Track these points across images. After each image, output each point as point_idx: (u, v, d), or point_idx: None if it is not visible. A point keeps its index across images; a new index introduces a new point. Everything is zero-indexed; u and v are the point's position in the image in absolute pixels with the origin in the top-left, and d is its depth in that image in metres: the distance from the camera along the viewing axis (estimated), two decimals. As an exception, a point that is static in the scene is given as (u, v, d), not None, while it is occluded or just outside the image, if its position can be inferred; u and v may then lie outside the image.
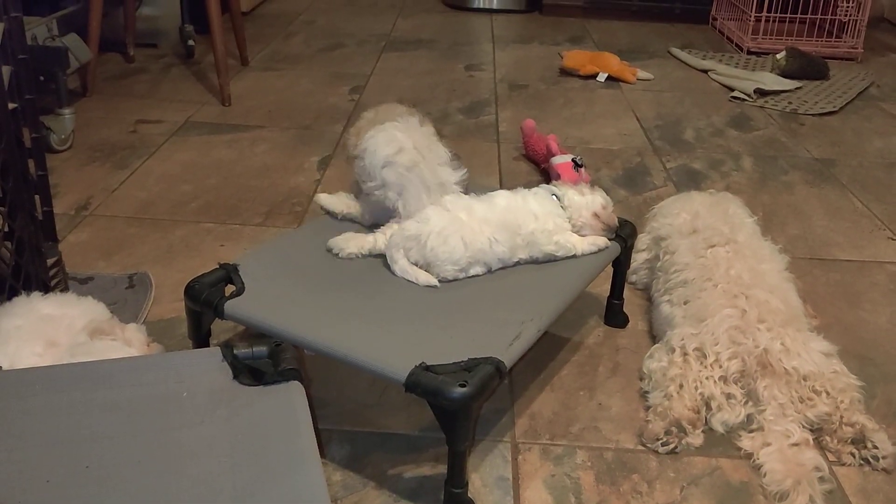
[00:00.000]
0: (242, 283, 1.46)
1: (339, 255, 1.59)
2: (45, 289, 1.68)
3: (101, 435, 1.09)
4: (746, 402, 1.54)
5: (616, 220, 1.70)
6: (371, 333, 1.36)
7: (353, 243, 1.60)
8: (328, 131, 2.94)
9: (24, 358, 1.35)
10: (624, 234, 1.72)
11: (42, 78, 2.57)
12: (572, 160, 2.50)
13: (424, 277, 1.51)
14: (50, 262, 1.74)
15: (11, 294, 1.56)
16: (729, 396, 1.55)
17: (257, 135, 2.89)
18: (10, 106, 1.57)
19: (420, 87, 3.49)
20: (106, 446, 1.06)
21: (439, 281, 1.51)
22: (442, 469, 1.34)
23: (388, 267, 1.54)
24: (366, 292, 1.49)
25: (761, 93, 3.53)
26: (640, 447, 1.50)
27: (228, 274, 1.49)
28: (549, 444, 1.50)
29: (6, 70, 1.57)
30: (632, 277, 2.01)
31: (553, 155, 2.56)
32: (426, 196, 1.60)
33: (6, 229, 1.63)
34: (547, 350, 1.76)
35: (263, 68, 3.68)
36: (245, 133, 2.90)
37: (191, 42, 3.75)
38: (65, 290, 1.78)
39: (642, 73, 3.74)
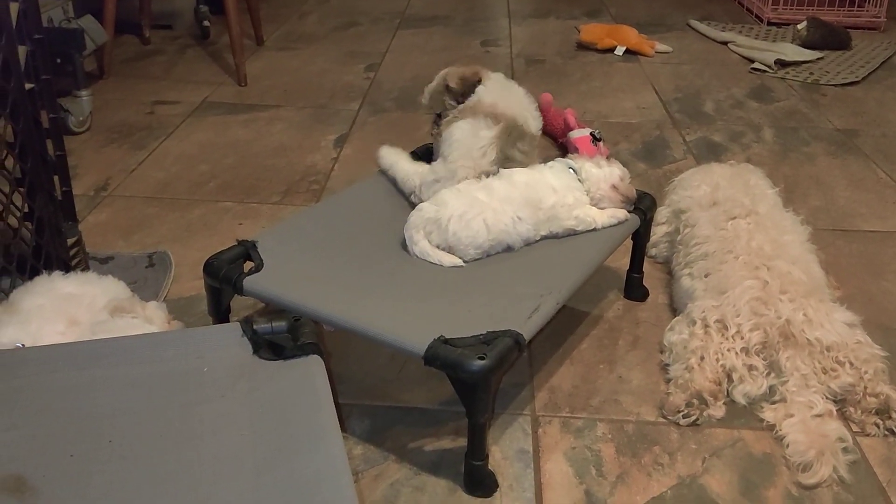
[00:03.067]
0: (261, 260, 1.47)
1: (379, 160, 1.78)
2: (66, 268, 1.69)
3: (122, 410, 1.09)
4: (768, 374, 1.53)
5: (634, 191, 1.69)
6: (390, 308, 1.36)
7: (398, 157, 1.76)
8: (344, 110, 2.94)
9: (47, 336, 1.36)
10: (643, 206, 1.70)
11: (58, 60, 2.58)
12: (590, 134, 2.48)
13: (448, 259, 1.50)
14: (70, 241, 1.75)
15: (33, 273, 1.57)
16: (751, 368, 1.53)
17: (274, 114, 2.89)
18: (27, 86, 1.58)
19: (436, 64, 3.46)
20: (128, 421, 1.07)
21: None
22: (462, 442, 1.34)
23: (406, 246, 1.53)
24: (384, 267, 1.49)
25: (782, 64, 3.48)
26: (661, 419, 1.49)
27: (247, 250, 1.49)
28: (569, 416, 1.50)
29: (22, 51, 1.57)
30: (651, 251, 1.99)
31: (571, 129, 2.54)
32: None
33: (26, 210, 1.64)
34: (566, 324, 1.75)
35: (279, 48, 3.67)
36: (261, 112, 2.90)
37: (206, 23, 3.74)
38: (85, 269, 1.79)
39: (661, 46, 3.69)
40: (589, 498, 1.33)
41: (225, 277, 1.43)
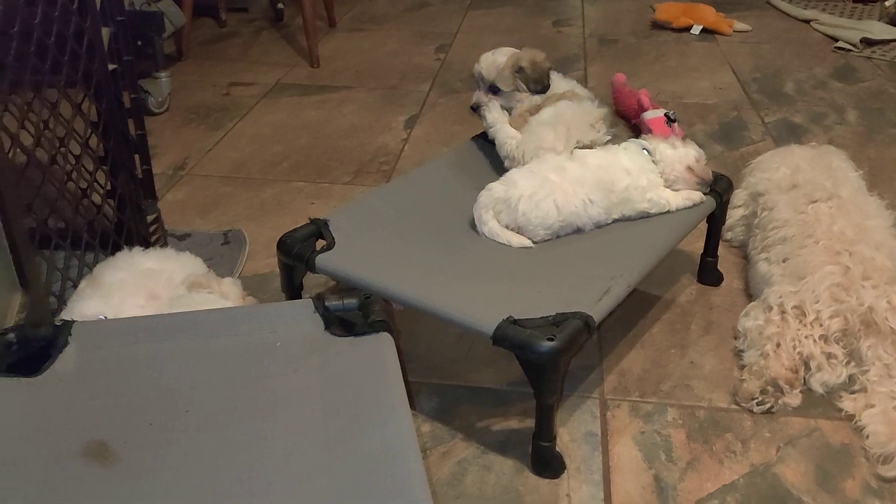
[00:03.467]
0: (333, 238, 1.49)
1: (484, 116, 1.78)
2: (146, 244, 1.74)
3: (199, 382, 1.12)
4: (848, 363, 1.48)
5: (710, 173, 1.64)
6: (459, 288, 1.36)
7: (502, 119, 1.76)
8: (414, 91, 2.94)
9: (127, 309, 1.41)
10: (719, 188, 1.66)
11: (139, 42, 2.65)
12: (664, 115, 2.42)
13: (517, 240, 1.49)
14: (150, 218, 1.81)
15: (114, 249, 1.63)
16: (829, 356, 1.49)
17: (345, 95, 2.91)
18: (110, 67, 1.62)
19: (507, 45, 3.43)
20: (204, 393, 1.10)
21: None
22: (529, 423, 1.34)
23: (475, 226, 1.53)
24: (454, 247, 1.49)
25: (868, 42, 3.33)
26: (734, 406, 1.46)
27: (319, 229, 1.51)
28: (638, 401, 1.48)
29: (105, 33, 1.62)
30: (727, 234, 1.94)
31: (644, 110, 2.48)
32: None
33: (109, 187, 1.70)
34: (637, 307, 1.72)
35: (350, 29, 3.69)
36: (333, 94, 2.93)
37: (280, 5, 3.79)
38: (164, 245, 1.85)
39: (739, 25, 3.58)
40: (658, 483, 1.31)
41: (298, 255, 1.45)
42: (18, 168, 1.45)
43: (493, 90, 1.79)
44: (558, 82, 1.83)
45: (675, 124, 2.42)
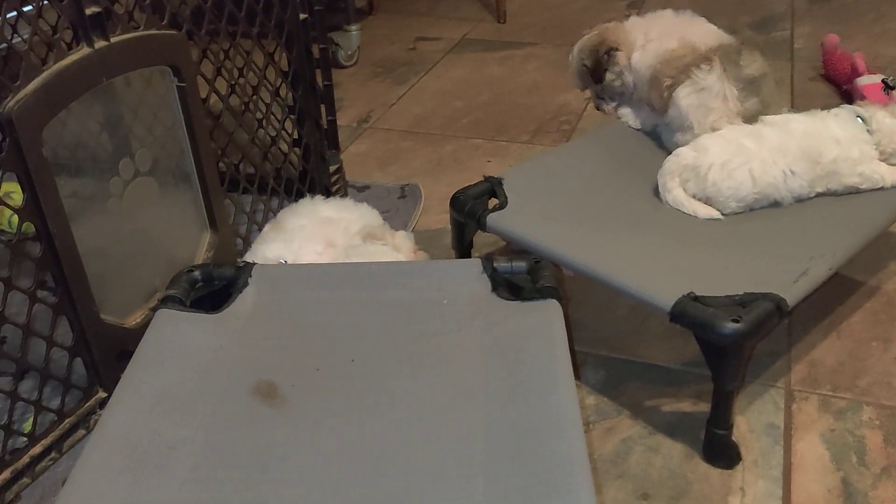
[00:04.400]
0: (506, 197, 1.45)
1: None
2: (327, 193, 1.79)
3: (366, 332, 1.13)
4: None
5: (937, 147, 1.44)
6: (636, 257, 1.28)
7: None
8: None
9: (306, 255, 1.45)
10: (946, 165, 1.46)
11: (333, -4, 2.71)
12: (882, 81, 2.19)
13: (704, 211, 1.39)
14: (332, 168, 1.85)
15: (298, 196, 1.68)
16: None
17: (529, 52, 2.85)
18: (301, 17, 1.66)
19: (705, 0, 3.22)
20: (370, 343, 1.11)
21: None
22: (704, 407, 1.25)
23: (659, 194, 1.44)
24: (633, 216, 1.41)
25: None
26: (946, 413, 1.30)
27: (493, 187, 1.48)
28: (830, 395, 1.34)
29: (299, -17, 1.65)
30: (950, 218, 1.71)
31: (858, 75, 2.25)
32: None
33: (295, 136, 1.75)
34: (836, 293, 1.56)
35: (540, -16, 3.60)
36: (518, 50, 2.87)
37: (470, -40, 3.75)
38: (344, 195, 1.89)
39: (982, -19, 3.15)
40: (846, 487, 1.18)
41: (470, 212, 1.43)
42: (214, 114, 1.52)
43: (601, 97, 1.69)
44: (749, 63, 1.56)
45: (894, 92, 2.17)
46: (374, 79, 2.72)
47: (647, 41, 1.59)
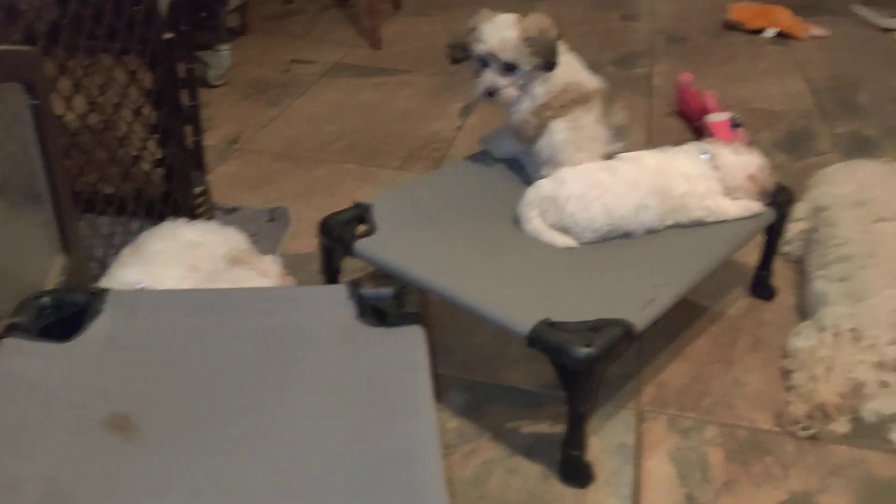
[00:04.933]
0: (374, 224, 1.46)
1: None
2: (192, 216, 1.75)
3: (229, 360, 1.11)
4: (904, 393, 1.41)
5: (772, 183, 1.57)
6: (497, 284, 1.32)
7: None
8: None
9: (167, 280, 1.41)
10: (780, 200, 1.59)
11: (203, 14, 2.66)
12: (729, 119, 2.35)
13: (562, 240, 1.44)
14: (197, 190, 1.81)
15: (160, 218, 1.63)
16: (884, 384, 1.41)
17: (403, 79, 2.89)
18: (166, 36, 1.62)
19: (571, 37, 3.31)
20: (233, 371, 1.09)
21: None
22: (560, 428, 1.29)
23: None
24: (496, 243, 1.45)
25: (954, 56, 3.18)
26: (777, 429, 1.40)
27: (362, 213, 1.49)
28: (676, 415, 1.43)
29: (165, 1, 1.62)
30: (784, 248, 1.86)
31: (709, 113, 2.41)
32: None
33: (159, 156, 1.71)
34: (683, 317, 1.66)
35: (415, 13, 3.66)
36: (392, 77, 2.91)
37: (347, -16, 3.78)
38: (210, 218, 1.85)
39: (816, 30, 3.45)
40: (690, 502, 1.26)
41: (338, 238, 1.43)
42: (69, 132, 1.46)
43: (509, 69, 1.54)
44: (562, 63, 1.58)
45: (740, 129, 2.34)
46: (245, 99, 2.68)
47: None
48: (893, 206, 1.65)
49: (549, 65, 1.53)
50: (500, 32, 1.52)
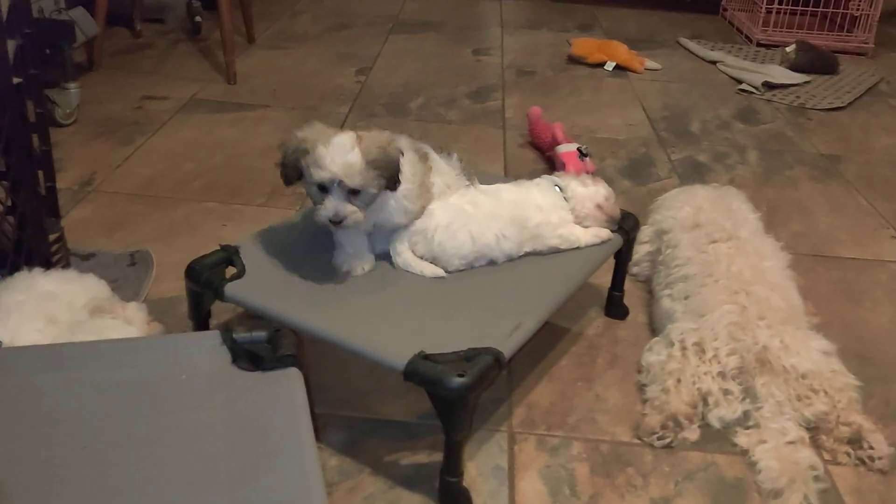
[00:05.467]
0: (243, 266, 1.46)
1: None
2: (47, 265, 1.68)
3: (98, 415, 1.09)
4: (744, 399, 1.55)
5: (619, 211, 1.70)
6: (371, 320, 1.36)
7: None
8: (333, 112, 2.93)
9: (25, 334, 1.35)
10: (626, 226, 1.72)
11: (48, 51, 2.56)
12: (577, 149, 2.49)
13: (430, 269, 1.50)
14: (52, 237, 1.74)
15: (13, 269, 1.56)
16: (726, 392, 1.55)
17: (262, 114, 2.88)
18: (15, 80, 1.56)
19: (427, 71, 3.47)
20: (103, 427, 1.07)
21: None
22: (438, 457, 1.34)
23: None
24: (367, 279, 1.49)
25: (769, 86, 3.51)
26: (636, 440, 1.50)
27: (230, 256, 1.49)
28: (545, 434, 1.51)
29: (11, 44, 1.56)
30: (633, 269, 2.00)
31: (558, 143, 2.55)
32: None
33: (9, 204, 1.63)
34: (547, 340, 1.76)
35: (270, 46, 3.66)
36: (250, 112, 2.89)
37: (198, 18, 3.72)
38: (66, 266, 1.78)
39: (650, 63, 3.72)
40: (561, 517, 1.33)
41: (206, 282, 1.42)
42: None
43: (354, 193, 1.38)
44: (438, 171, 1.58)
45: (588, 158, 2.49)
46: (96, 139, 2.59)
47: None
48: (724, 228, 1.82)
49: (394, 185, 1.42)
50: (341, 157, 1.36)
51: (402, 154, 1.44)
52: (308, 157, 1.39)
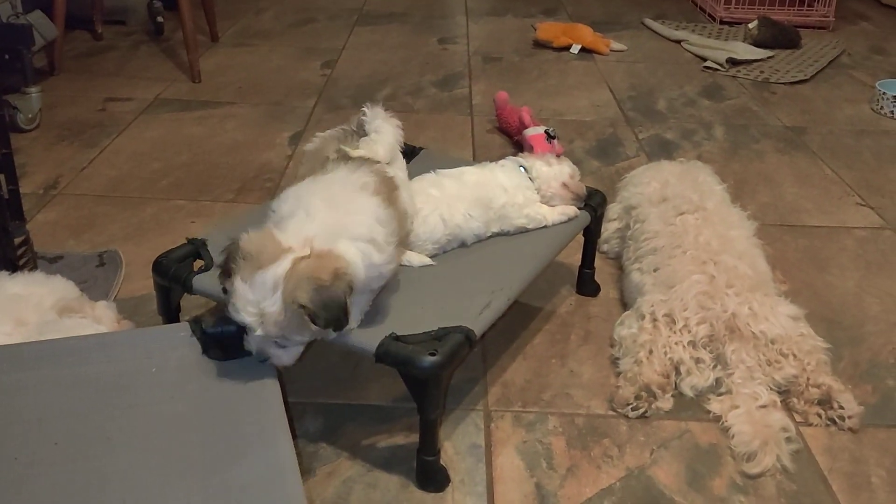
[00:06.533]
0: (211, 258, 1.46)
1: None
2: (13, 268, 1.66)
3: (69, 412, 1.08)
4: (715, 366, 1.57)
5: (584, 188, 1.71)
6: (341, 306, 1.36)
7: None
8: (300, 107, 2.92)
9: (-7, 337, 1.34)
10: (594, 203, 1.73)
11: (6, 56, 2.53)
12: (545, 132, 2.50)
13: (418, 259, 1.50)
14: (17, 241, 1.72)
15: (-22, 274, 1.54)
16: (698, 361, 1.57)
17: (228, 111, 2.86)
18: (-30, 83, 1.55)
19: (393, 61, 3.46)
20: (74, 423, 1.06)
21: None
22: (415, 438, 1.35)
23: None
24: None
25: (733, 62, 3.54)
26: (611, 412, 1.52)
27: (197, 249, 1.48)
28: (521, 411, 1.52)
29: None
30: (603, 246, 2.02)
31: (526, 127, 2.56)
32: None
33: (-29, 209, 1.61)
34: (520, 319, 1.77)
35: (234, 44, 3.64)
36: (215, 110, 2.87)
37: (160, 18, 3.69)
38: (33, 269, 1.77)
39: (616, 45, 3.74)
40: (539, 490, 1.34)
41: (174, 276, 1.42)
42: None
43: (281, 344, 1.15)
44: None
45: (556, 141, 2.50)
46: (60, 142, 2.57)
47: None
48: (691, 200, 1.83)
49: (339, 326, 1.15)
50: (256, 303, 1.09)
51: (352, 291, 1.15)
52: (228, 282, 1.13)
